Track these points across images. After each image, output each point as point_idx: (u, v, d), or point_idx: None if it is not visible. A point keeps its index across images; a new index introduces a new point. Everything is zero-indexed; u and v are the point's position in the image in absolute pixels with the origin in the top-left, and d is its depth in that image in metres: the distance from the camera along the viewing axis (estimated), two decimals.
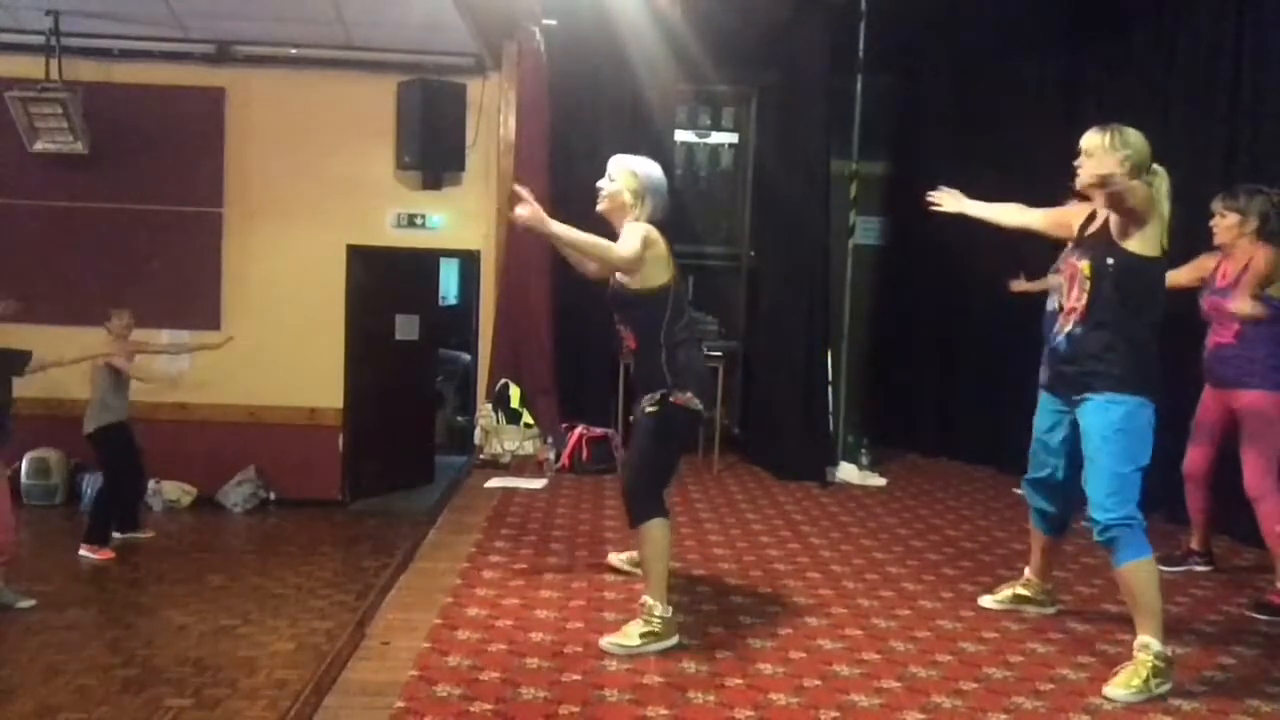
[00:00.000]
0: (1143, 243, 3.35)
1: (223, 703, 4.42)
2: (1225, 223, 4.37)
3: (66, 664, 4.76)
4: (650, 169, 3.80)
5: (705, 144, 8.28)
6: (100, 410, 6.60)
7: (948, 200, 4.04)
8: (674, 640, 3.51)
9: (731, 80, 7.74)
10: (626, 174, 3.76)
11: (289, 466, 7.95)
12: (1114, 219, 3.37)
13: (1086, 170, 3.41)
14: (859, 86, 6.66)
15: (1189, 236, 4.62)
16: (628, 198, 3.73)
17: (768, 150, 7.64)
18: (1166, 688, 3.23)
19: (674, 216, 4.03)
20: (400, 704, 3.01)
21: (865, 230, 7.97)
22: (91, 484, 7.48)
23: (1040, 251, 5.06)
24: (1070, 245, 3.68)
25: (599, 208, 3.80)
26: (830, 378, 6.80)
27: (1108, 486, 3.32)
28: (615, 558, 4.46)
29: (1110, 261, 3.37)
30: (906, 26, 6.95)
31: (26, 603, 5.48)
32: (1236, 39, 5.46)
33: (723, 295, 7.84)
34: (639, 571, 4.17)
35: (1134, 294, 3.38)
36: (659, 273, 3.64)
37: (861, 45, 6.58)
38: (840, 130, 6.77)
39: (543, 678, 3.24)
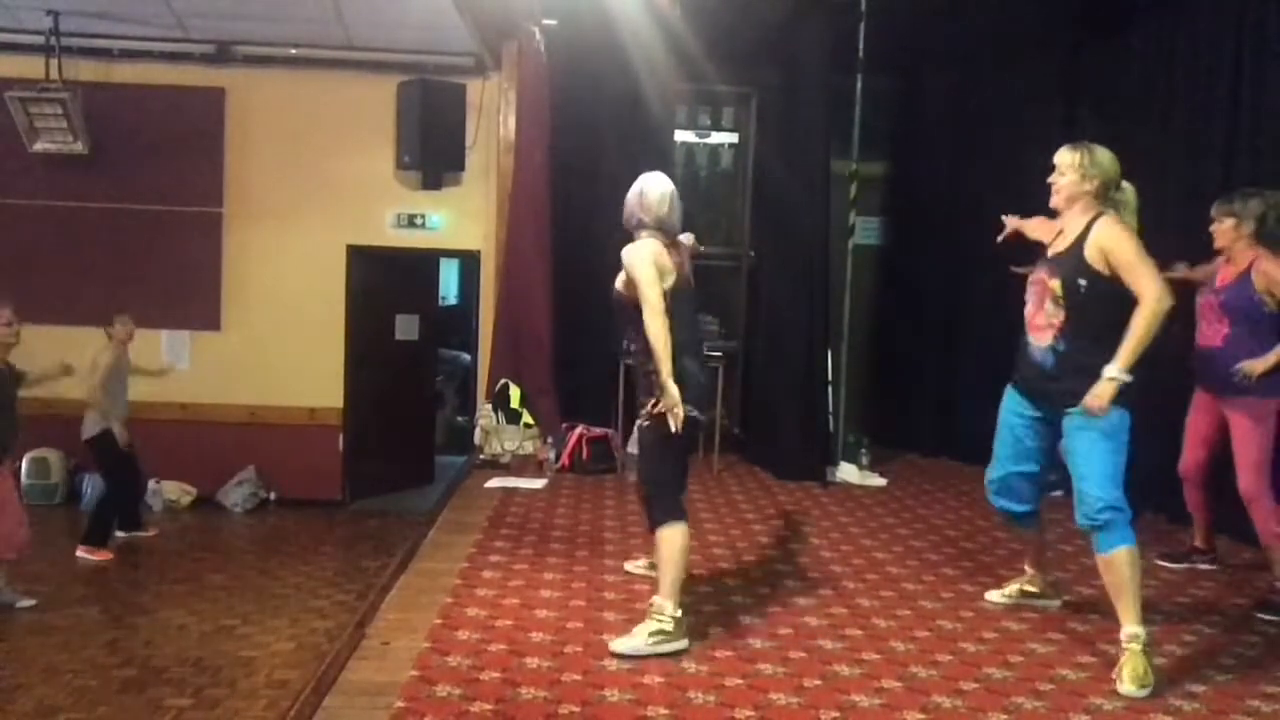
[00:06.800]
0: None
1: (223, 703, 4.42)
2: (1222, 227, 4.40)
3: (66, 664, 4.76)
4: (642, 185, 3.74)
5: (705, 144, 8.28)
6: (98, 416, 6.60)
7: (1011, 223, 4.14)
8: (684, 643, 3.48)
9: (731, 80, 7.72)
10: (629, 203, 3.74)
11: (289, 466, 7.95)
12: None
13: (1060, 187, 3.55)
14: (859, 86, 6.65)
15: (1188, 237, 4.64)
16: (634, 220, 3.72)
17: (768, 150, 7.63)
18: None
19: None
20: (400, 704, 3.01)
21: (865, 230, 7.97)
22: (91, 484, 7.48)
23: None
24: (1040, 256, 3.70)
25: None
26: (830, 378, 6.80)
27: (1105, 476, 3.38)
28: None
29: (1083, 283, 3.43)
30: (906, 27, 6.94)
31: (27, 602, 5.49)
32: (1236, 39, 5.45)
33: (723, 295, 7.82)
34: (654, 574, 4.18)
35: (1112, 310, 3.40)
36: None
37: (861, 45, 6.57)
38: (840, 130, 6.77)
39: (543, 678, 3.24)
